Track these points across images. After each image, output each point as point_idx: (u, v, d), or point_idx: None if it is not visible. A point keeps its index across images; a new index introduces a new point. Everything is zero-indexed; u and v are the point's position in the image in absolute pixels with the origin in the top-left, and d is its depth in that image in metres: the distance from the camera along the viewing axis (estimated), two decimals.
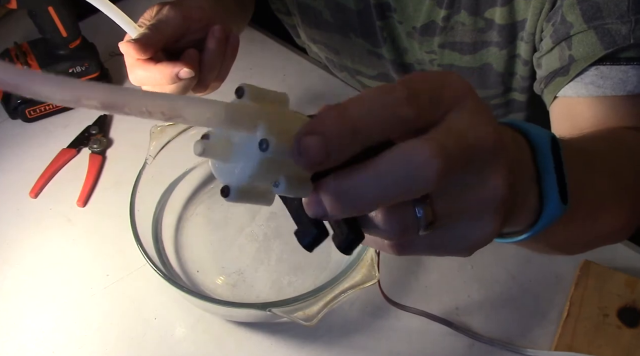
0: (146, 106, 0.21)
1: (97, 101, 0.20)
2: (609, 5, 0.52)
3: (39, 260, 0.65)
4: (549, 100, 0.58)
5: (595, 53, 0.53)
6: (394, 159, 0.24)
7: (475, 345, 0.58)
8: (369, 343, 0.59)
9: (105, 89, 0.20)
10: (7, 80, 0.19)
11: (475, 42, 0.65)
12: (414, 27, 0.68)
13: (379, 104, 0.25)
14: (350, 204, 0.25)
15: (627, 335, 0.58)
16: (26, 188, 0.71)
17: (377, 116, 0.24)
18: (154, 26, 0.52)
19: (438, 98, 0.26)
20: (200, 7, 0.56)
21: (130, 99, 0.21)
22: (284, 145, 0.24)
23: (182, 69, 0.51)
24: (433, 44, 0.68)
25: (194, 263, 0.64)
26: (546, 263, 0.64)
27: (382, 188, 0.24)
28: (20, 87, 0.19)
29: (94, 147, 0.75)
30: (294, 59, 0.88)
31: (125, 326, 0.60)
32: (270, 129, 0.24)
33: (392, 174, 0.24)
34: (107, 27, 0.54)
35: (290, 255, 0.64)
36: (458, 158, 0.25)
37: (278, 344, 0.59)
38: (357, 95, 0.26)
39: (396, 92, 0.25)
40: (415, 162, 0.24)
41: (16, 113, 0.78)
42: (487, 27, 0.63)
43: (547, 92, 0.58)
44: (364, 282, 0.53)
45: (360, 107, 0.25)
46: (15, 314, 0.60)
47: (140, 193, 0.61)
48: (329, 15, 0.74)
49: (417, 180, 0.24)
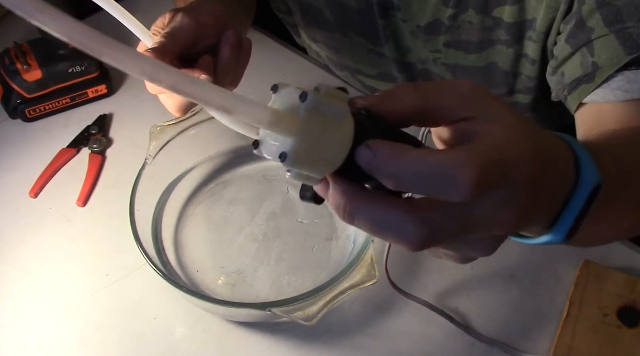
0: (207, 99, 0.24)
1: (168, 85, 0.23)
2: (629, 9, 0.52)
3: (39, 260, 0.65)
4: (573, 106, 0.58)
5: (619, 59, 0.52)
6: (433, 168, 0.26)
7: (475, 345, 0.58)
8: (369, 343, 0.59)
9: (180, 76, 0.23)
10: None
11: (482, 41, 0.65)
12: (419, 25, 0.68)
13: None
14: (386, 180, 0.27)
15: (627, 335, 0.58)
16: (26, 188, 0.71)
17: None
18: (169, 34, 0.52)
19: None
20: (213, 12, 0.57)
21: (198, 90, 0.24)
22: (302, 163, 0.27)
23: (199, 76, 0.51)
24: (438, 43, 0.68)
25: (194, 263, 0.64)
26: (546, 263, 0.64)
27: (415, 186, 0.27)
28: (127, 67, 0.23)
29: (94, 147, 0.75)
30: (294, 59, 0.88)
31: (125, 326, 0.60)
32: (296, 151, 0.26)
33: (428, 180, 0.26)
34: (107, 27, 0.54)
35: (290, 255, 0.64)
36: (490, 186, 0.27)
37: (278, 344, 0.59)
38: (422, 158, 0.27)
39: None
40: (451, 178, 0.26)
41: (16, 113, 0.78)
42: (495, 25, 0.63)
43: (572, 99, 0.57)
44: (364, 282, 0.53)
45: (416, 175, 0.27)
46: (15, 314, 0.60)
47: (140, 193, 0.61)
48: (329, 14, 0.74)
49: (447, 194, 0.26)
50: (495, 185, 0.27)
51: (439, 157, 0.26)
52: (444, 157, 0.26)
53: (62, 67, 0.77)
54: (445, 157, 0.26)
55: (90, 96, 0.80)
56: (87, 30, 0.21)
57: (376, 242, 0.56)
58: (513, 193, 0.28)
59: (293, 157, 0.26)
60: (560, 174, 0.32)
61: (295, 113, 0.26)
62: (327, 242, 0.65)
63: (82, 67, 0.78)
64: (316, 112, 0.26)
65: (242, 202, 0.69)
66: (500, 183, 0.27)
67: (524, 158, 0.28)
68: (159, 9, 0.92)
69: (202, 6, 0.57)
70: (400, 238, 0.28)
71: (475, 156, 0.26)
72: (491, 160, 0.27)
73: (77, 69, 0.78)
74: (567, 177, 0.32)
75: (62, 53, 0.77)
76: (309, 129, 0.26)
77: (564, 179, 0.32)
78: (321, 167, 0.28)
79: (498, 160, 0.27)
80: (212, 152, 0.71)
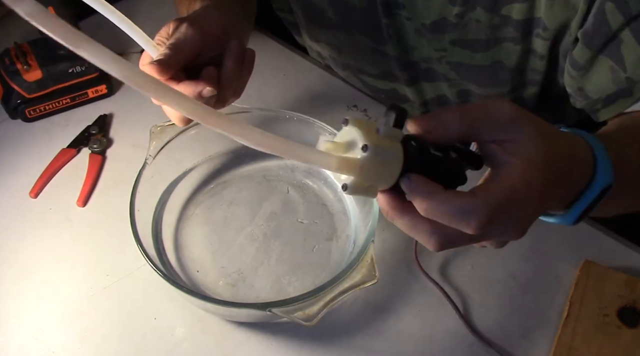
0: (285, 151, 0.32)
1: (257, 143, 0.31)
2: None
3: (39, 260, 0.65)
4: (607, 116, 0.59)
5: None
6: (452, 211, 0.35)
7: (475, 345, 0.58)
8: (369, 343, 0.59)
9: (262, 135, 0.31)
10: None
11: (489, 39, 0.65)
12: (423, 24, 0.67)
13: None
14: (418, 207, 0.37)
15: (627, 335, 0.58)
16: (26, 188, 0.71)
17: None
18: (174, 45, 0.52)
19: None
20: (217, 22, 0.56)
21: (279, 145, 0.32)
22: (358, 191, 0.35)
23: (204, 88, 0.51)
24: (444, 41, 0.68)
25: (194, 263, 0.64)
26: (546, 263, 0.64)
27: (439, 219, 0.36)
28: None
29: (94, 147, 0.75)
30: (294, 59, 0.88)
31: (125, 326, 0.60)
32: (354, 185, 0.35)
33: (448, 219, 0.36)
34: (107, 27, 0.54)
35: (290, 255, 0.64)
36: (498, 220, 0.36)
37: (278, 344, 0.59)
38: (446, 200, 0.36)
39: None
40: (465, 220, 0.35)
41: (16, 113, 0.78)
42: (503, 23, 0.62)
43: (607, 111, 0.58)
44: (364, 282, 0.53)
45: (440, 212, 0.36)
46: (15, 314, 0.60)
47: (140, 193, 0.61)
48: (332, 12, 0.74)
49: (463, 228, 0.36)
50: (503, 219, 0.36)
51: (458, 202, 0.35)
52: (462, 203, 0.35)
53: (62, 67, 0.77)
54: (463, 203, 0.35)
55: (90, 96, 0.80)
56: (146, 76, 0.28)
57: (376, 242, 0.56)
58: (521, 218, 0.37)
59: (352, 189, 0.35)
60: (576, 177, 0.40)
61: (355, 159, 0.34)
62: (327, 242, 0.65)
63: (82, 67, 0.78)
64: (374, 157, 0.34)
65: (242, 202, 0.69)
66: (507, 217, 0.36)
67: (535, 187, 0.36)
68: (161, 10, 0.93)
69: (205, 15, 0.57)
70: (425, 242, 0.38)
71: (487, 204, 0.35)
72: (500, 203, 0.35)
73: (77, 69, 0.78)
74: (583, 176, 0.41)
75: (62, 53, 0.77)
76: (366, 171, 0.34)
77: (579, 181, 0.41)
78: (373, 192, 0.37)
79: (507, 203, 0.35)
80: (212, 152, 0.71)
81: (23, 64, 0.75)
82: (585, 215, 0.42)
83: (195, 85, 0.51)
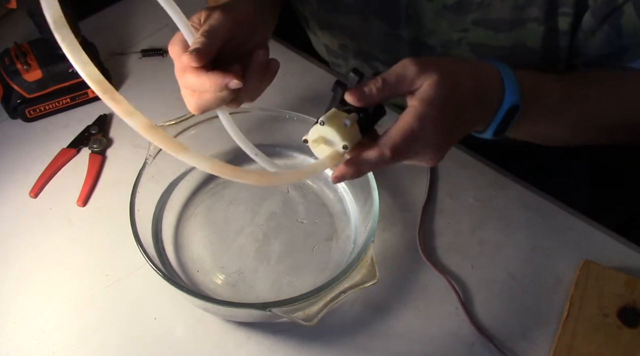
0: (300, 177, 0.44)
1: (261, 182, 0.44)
2: None
3: (39, 260, 0.65)
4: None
5: None
6: (370, 156, 0.48)
7: (475, 345, 0.58)
8: (369, 343, 0.59)
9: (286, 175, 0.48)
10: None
11: (513, 19, 0.65)
12: (445, 5, 0.68)
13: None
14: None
15: (627, 335, 0.58)
16: (26, 188, 0.71)
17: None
18: (208, 33, 0.53)
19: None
20: (248, 12, 0.57)
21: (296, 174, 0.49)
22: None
23: (232, 80, 0.51)
24: (467, 21, 0.67)
25: (194, 263, 0.64)
26: (546, 263, 0.64)
27: (369, 168, 0.48)
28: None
29: (94, 147, 0.75)
30: (294, 59, 0.88)
31: (125, 326, 0.60)
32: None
33: (369, 163, 0.48)
34: (107, 27, 0.54)
35: (290, 255, 0.64)
36: (403, 153, 0.48)
37: (278, 344, 0.59)
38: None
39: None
40: (380, 161, 0.47)
41: (16, 113, 0.78)
42: (528, 3, 0.63)
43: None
44: (364, 282, 0.53)
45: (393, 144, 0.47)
46: (15, 314, 0.60)
47: (140, 193, 0.61)
48: None
49: (382, 166, 0.48)
50: (405, 150, 0.47)
51: (374, 150, 0.48)
52: (374, 148, 0.48)
53: (62, 66, 0.77)
54: (375, 148, 0.48)
55: (90, 96, 0.80)
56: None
57: (376, 242, 0.56)
58: (428, 144, 0.49)
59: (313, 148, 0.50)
60: (486, 100, 0.51)
61: (339, 153, 0.48)
62: (327, 242, 0.65)
63: None
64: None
65: (242, 202, 0.69)
66: (409, 147, 0.47)
67: (432, 119, 0.47)
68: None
69: (237, 6, 0.58)
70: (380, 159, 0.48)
71: (385, 144, 0.47)
72: (396, 140, 0.47)
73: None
74: (494, 100, 0.52)
75: (62, 53, 0.76)
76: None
77: (490, 103, 0.52)
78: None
79: (402, 138, 0.47)
80: (212, 152, 0.71)
81: (23, 64, 0.75)
82: (502, 130, 0.53)
83: (223, 77, 0.52)
